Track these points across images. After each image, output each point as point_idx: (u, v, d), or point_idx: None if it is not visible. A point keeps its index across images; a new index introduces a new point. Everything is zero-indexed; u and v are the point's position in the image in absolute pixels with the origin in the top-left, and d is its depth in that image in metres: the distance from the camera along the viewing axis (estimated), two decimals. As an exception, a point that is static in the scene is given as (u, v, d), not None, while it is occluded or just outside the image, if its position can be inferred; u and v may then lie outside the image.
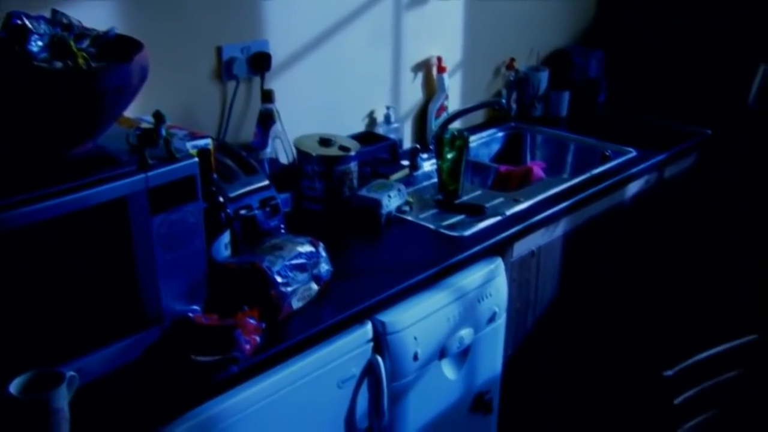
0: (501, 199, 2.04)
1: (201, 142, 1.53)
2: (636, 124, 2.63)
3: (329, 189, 1.85)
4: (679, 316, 2.44)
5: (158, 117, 1.27)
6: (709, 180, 2.56)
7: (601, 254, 2.26)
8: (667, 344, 2.12)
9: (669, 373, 1.51)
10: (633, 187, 2.29)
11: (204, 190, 1.37)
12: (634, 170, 2.25)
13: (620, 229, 2.29)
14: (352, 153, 1.88)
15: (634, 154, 2.34)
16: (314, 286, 1.52)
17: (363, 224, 1.85)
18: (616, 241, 2.31)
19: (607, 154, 2.37)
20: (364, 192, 1.88)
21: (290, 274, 1.46)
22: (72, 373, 1.15)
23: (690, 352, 1.58)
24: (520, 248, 1.94)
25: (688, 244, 2.59)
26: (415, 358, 1.64)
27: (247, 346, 1.30)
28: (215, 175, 1.52)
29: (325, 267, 1.55)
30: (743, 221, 2.54)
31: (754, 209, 2.52)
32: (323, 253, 1.56)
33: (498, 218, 1.92)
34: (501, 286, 1.85)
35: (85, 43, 1.18)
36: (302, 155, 1.86)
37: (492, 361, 1.90)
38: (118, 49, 1.21)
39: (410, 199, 1.99)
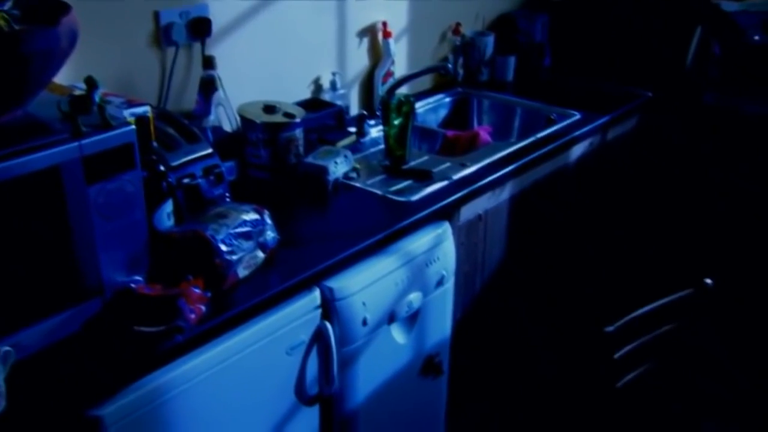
0: (448, 164, 2.04)
1: (139, 110, 1.49)
2: (580, 87, 2.67)
3: (275, 156, 1.82)
4: (620, 274, 2.51)
5: (90, 83, 1.23)
6: (650, 141, 2.62)
7: (547, 216, 2.30)
8: (608, 302, 2.17)
9: (610, 329, 1.56)
10: (577, 150, 2.33)
11: (143, 158, 1.34)
12: (578, 133, 2.28)
13: (565, 191, 2.33)
14: (298, 120, 1.86)
15: (578, 117, 2.38)
16: (260, 254, 1.51)
17: (310, 191, 1.84)
18: (562, 203, 2.34)
19: (553, 117, 2.40)
20: (310, 159, 1.87)
21: (235, 242, 1.44)
22: (7, 348, 1.12)
23: (630, 309, 1.62)
24: (467, 212, 1.95)
25: (629, 204, 2.65)
26: (364, 323, 1.64)
27: (192, 316, 1.29)
28: (155, 144, 1.48)
29: (270, 234, 1.54)
30: (682, 181, 2.61)
31: (693, 169, 2.59)
32: (269, 221, 1.54)
33: (445, 183, 1.92)
34: (449, 250, 1.86)
35: (7, 5, 1.12)
36: (246, 123, 1.83)
37: (441, 325, 1.92)
38: (43, 12, 1.16)
39: (357, 166, 1.98)
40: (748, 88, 2.59)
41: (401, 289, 1.73)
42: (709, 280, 1.67)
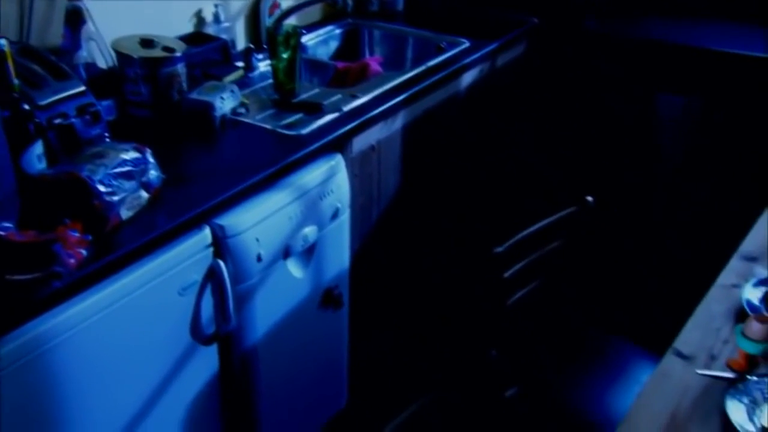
0: (339, 96, 2.02)
1: (-6, 44, 1.38)
2: (468, 15, 2.67)
3: (156, 93, 1.74)
4: (510, 195, 2.59)
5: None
6: (536, 67, 2.67)
7: (440, 144, 2.32)
8: (498, 224, 2.25)
9: (499, 249, 1.61)
10: (468, 77, 2.35)
11: (3, 96, 1.24)
12: (467, 60, 2.29)
13: (457, 119, 2.35)
14: (178, 54, 1.78)
15: (467, 44, 2.39)
16: (144, 194, 1.45)
17: (196, 128, 1.78)
18: (454, 131, 2.37)
19: (442, 46, 2.40)
20: (194, 95, 1.80)
21: (115, 182, 1.38)
22: None
23: (518, 229, 1.68)
24: (360, 143, 1.95)
25: (519, 129, 2.72)
26: (259, 259, 1.63)
27: (72, 260, 1.23)
28: (17, 81, 1.38)
29: (154, 173, 1.48)
30: (566, 104, 2.69)
31: (576, 91, 2.67)
32: (151, 159, 1.48)
33: (336, 115, 1.90)
34: (342, 182, 1.86)
35: None
36: (122, 58, 1.74)
37: (339, 257, 1.93)
38: None
39: (246, 101, 1.92)
40: (629, 13, 2.68)
41: (295, 224, 1.72)
42: (590, 198, 1.75)
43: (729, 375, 1.27)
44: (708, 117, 2.48)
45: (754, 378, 1.25)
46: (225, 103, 1.82)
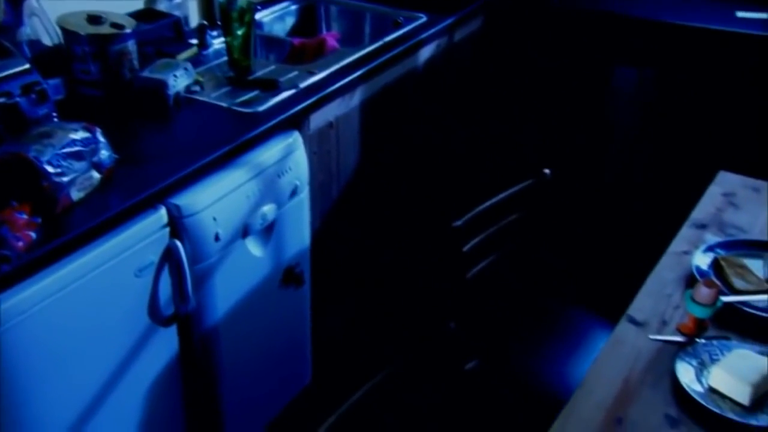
0: (295, 73, 1.99)
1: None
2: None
3: (106, 71, 1.70)
4: (469, 169, 2.60)
5: None
6: (493, 41, 2.67)
7: (399, 120, 2.32)
8: (457, 198, 2.26)
9: (458, 223, 1.61)
10: (425, 52, 2.34)
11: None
12: (425, 35, 2.28)
13: (415, 94, 2.35)
14: (128, 30, 1.74)
15: (424, 19, 2.37)
16: (95, 175, 1.42)
17: (149, 107, 1.75)
18: (412, 106, 2.36)
19: (400, 20, 2.38)
20: (146, 73, 1.76)
21: (64, 162, 1.35)
22: None
23: (477, 203, 1.69)
24: (318, 120, 1.93)
25: (477, 103, 2.72)
26: (217, 238, 1.61)
27: (20, 243, 1.21)
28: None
29: (105, 153, 1.45)
30: (523, 77, 2.70)
31: (534, 65, 2.68)
32: (102, 139, 1.45)
33: (292, 91, 1.88)
34: (300, 160, 1.84)
35: None
36: (69, 35, 1.69)
37: (299, 235, 1.92)
38: None
39: (200, 79, 1.89)
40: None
41: (253, 202, 1.71)
42: (547, 170, 1.76)
43: (679, 339, 1.30)
44: (661, 88, 2.52)
45: (703, 341, 1.29)
46: (178, 81, 1.78)
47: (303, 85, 1.92)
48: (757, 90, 2.37)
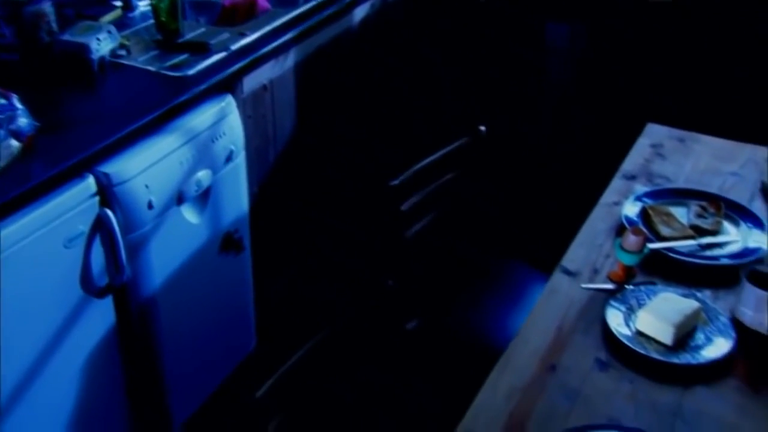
0: (226, 35, 1.94)
1: None
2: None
3: (22, 35, 1.64)
4: (405, 128, 2.59)
5: None
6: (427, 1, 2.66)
7: (334, 81, 2.29)
8: (394, 158, 2.24)
9: (395, 182, 1.62)
10: (359, 12, 2.31)
11: None
12: (358, -5, 2.25)
13: (349, 55, 2.32)
14: (44, -8, 1.66)
15: (358, -22, 2.34)
16: (14, 143, 1.37)
17: (71, 72, 1.69)
18: (347, 67, 2.34)
19: (333, -20, 2.34)
20: (67, 36, 1.70)
21: (-21, 132, 1.29)
22: None
23: (414, 162, 1.69)
24: (251, 83, 1.89)
25: (411, 62, 2.70)
26: (150, 206, 1.57)
27: (-64, 216, 1.15)
28: None
29: (24, 121, 1.40)
30: (456, 36, 2.69)
31: (467, 23, 2.67)
32: (19, 106, 1.40)
33: (223, 54, 1.84)
34: (235, 124, 1.81)
35: None
36: (-20, -2, 1.61)
37: (237, 200, 1.89)
38: None
39: (126, 42, 1.83)
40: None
41: (187, 168, 1.67)
42: (482, 128, 1.77)
43: (609, 287, 1.34)
44: (593, 44, 2.55)
45: (631, 287, 1.33)
46: (102, 44, 1.72)
47: (234, 47, 1.87)
48: (683, 44, 2.42)
